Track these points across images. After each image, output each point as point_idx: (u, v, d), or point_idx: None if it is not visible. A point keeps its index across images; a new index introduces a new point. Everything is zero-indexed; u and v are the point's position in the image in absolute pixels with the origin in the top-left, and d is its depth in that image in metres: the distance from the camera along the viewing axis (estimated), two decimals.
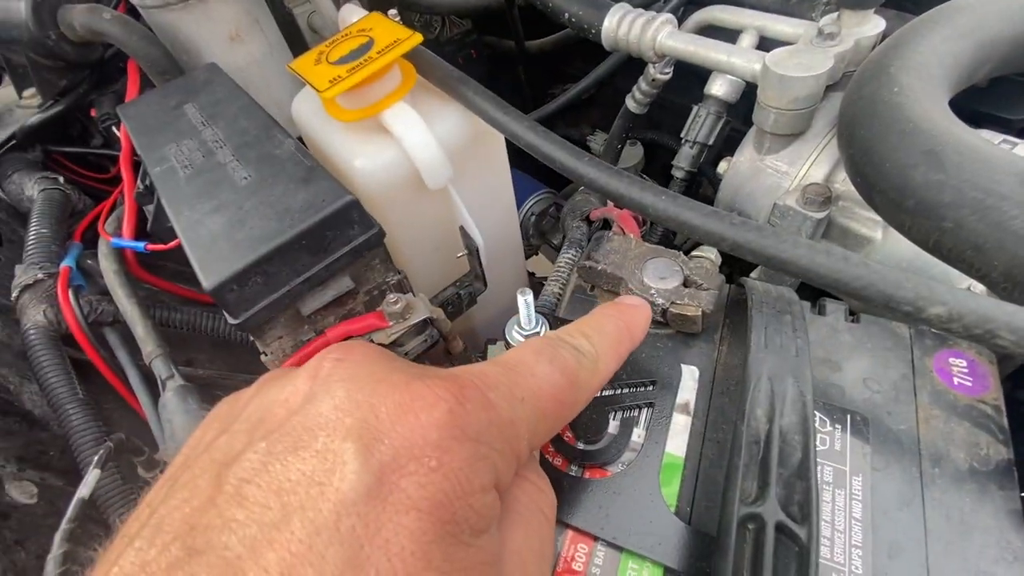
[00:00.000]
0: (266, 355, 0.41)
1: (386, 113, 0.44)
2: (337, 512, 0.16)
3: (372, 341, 0.43)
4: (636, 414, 0.31)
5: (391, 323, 0.43)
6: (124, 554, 0.17)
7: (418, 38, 0.44)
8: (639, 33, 0.54)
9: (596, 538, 0.27)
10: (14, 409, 0.42)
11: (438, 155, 0.43)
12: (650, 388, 0.32)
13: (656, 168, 1.03)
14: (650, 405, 0.31)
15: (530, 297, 0.32)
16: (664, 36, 0.53)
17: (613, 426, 0.31)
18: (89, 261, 0.59)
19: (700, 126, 0.57)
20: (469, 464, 0.19)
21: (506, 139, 0.44)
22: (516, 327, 0.34)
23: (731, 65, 0.49)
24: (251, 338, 0.36)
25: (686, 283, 0.35)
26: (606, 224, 0.54)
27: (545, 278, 0.51)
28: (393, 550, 0.16)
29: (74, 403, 0.43)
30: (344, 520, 0.16)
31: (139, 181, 0.49)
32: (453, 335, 0.50)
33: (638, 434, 0.30)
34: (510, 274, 0.66)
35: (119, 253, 0.52)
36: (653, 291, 0.34)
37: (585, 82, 0.76)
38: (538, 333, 0.34)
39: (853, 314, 0.36)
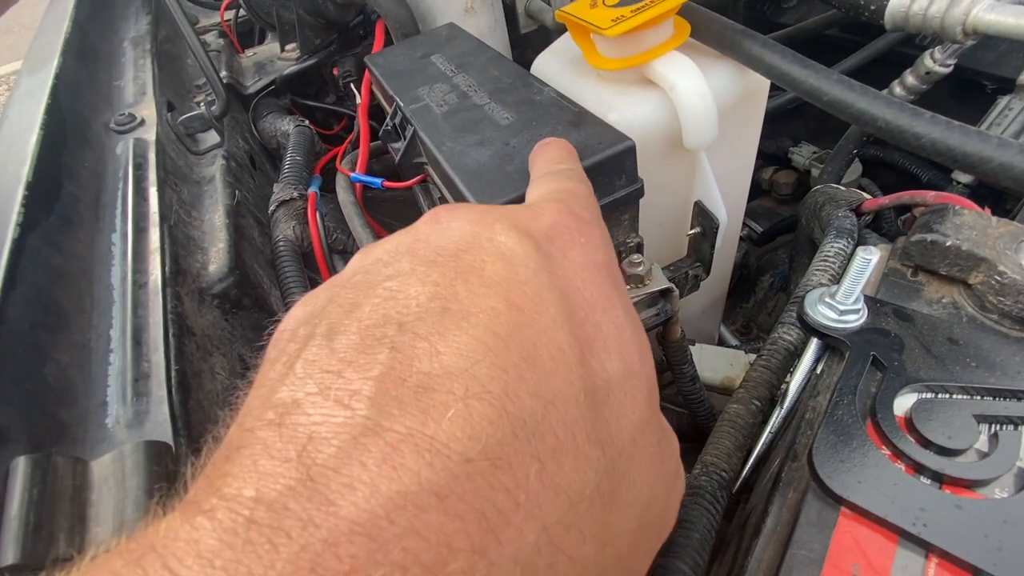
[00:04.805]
0: None
1: (658, 61, 0.40)
2: (535, 271, 0.19)
3: None
4: (1012, 430, 0.24)
5: (628, 286, 0.40)
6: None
7: None
8: (944, 6, 0.46)
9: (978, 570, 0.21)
10: (267, 307, 0.46)
11: (712, 107, 0.39)
12: None
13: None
14: None
15: (876, 258, 0.26)
16: (982, 8, 0.44)
17: (982, 441, 0.24)
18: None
19: (1010, 121, 0.47)
20: (607, 239, 0.24)
21: None
22: (831, 297, 0.28)
23: None
24: None
25: None
26: (876, 219, 0.45)
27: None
28: (585, 294, 0.20)
29: None
30: (542, 275, 0.19)
31: (388, 120, 0.51)
32: (677, 318, 0.45)
33: None
34: (721, 266, 0.60)
35: (355, 188, 0.54)
36: None
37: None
38: (857, 312, 0.28)
39: None
